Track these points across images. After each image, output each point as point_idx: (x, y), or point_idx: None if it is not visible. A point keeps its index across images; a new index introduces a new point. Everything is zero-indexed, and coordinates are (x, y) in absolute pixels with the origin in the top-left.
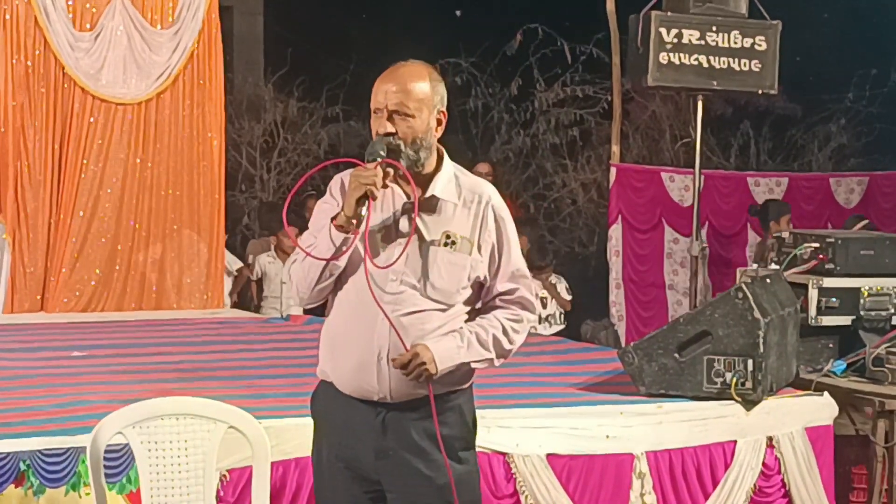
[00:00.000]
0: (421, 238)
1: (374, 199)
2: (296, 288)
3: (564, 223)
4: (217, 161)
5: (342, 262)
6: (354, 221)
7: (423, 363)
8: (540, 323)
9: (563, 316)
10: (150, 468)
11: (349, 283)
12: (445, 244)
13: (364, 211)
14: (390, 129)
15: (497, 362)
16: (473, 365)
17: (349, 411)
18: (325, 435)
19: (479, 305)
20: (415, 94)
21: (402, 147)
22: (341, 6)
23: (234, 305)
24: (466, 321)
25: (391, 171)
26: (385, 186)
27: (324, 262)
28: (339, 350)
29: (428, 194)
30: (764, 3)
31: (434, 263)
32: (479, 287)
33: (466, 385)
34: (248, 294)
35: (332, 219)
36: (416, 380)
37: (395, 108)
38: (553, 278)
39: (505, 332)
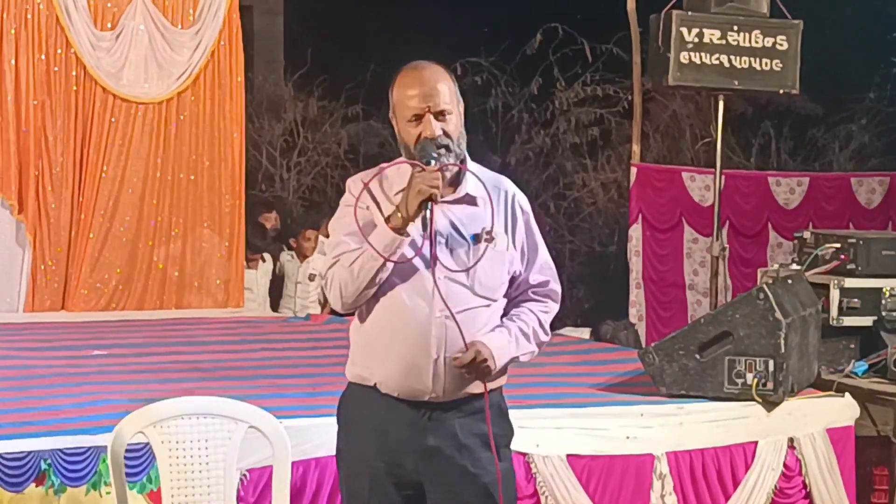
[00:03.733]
0: (463, 236)
1: (437, 202)
2: (339, 292)
3: (584, 223)
4: (237, 160)
5: (390, 265)
6: (412, 223)
7: (486, 359)
8: None
9: None
10: (170, 468)
11: (395, 286)
12: (486, 240)
13: (428, 213)
14: (438, 130)
15: (535, 354)
16: (521, 358)
17: (390, 413)
18: (360, 439)
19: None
20: (448, 92)
21: (451, 146)
22: (361, 5)
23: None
24: (502, 316)
25: (447, 173)
26: None
27: (378, 265)
28: (387, 353)
29: (463, 192)
30: (785, 3)
31: (484, 262)
32: (511, 281)
33: (505, 381)
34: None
35: (387, 221)
36: (478, 377)
37: (439, 108)
38: None
39: (541, 324)
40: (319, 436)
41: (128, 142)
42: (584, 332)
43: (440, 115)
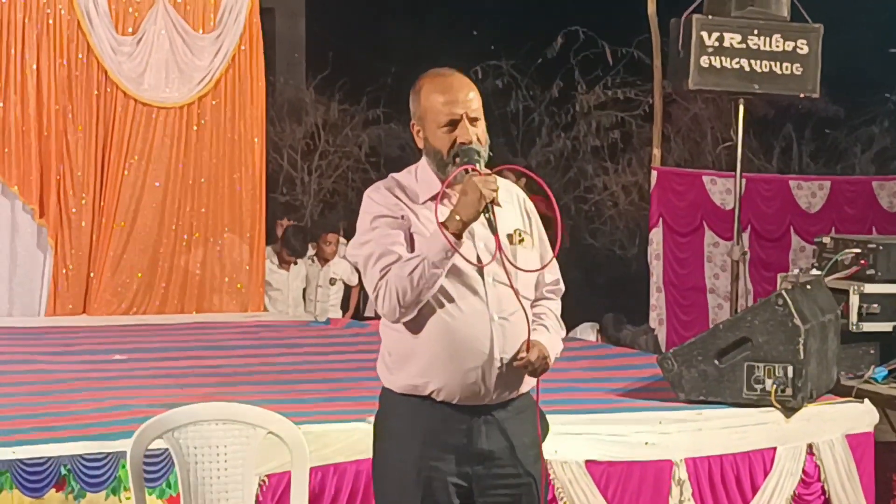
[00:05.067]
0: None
1: (496, 204)
2: (396, 302)
3: (605, 226)
4: (258, 164)
5: (444, 270)
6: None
7: (546, 357)
8: None
9: None
10: (189, 473)
11: (447, 292)
12: (520, 241)
13: (490, 216)
14: (474, 136)
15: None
16: (558, 354)
17: (445, 421)
18: (411, 450)
19: None
20: (477, 100)
21: (482, 152)
22: (382, 8)
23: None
24: None
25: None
26: None
27: (440, 272)
28: (448, 360)
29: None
30: (805, 6)
31: (519, 262)
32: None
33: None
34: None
35: (444, 226)
36: (537, 375)
37: (473, 115)
38: None
39: (558, 321)
40: (338, 441)
41: (149, 146)
42: (592, 330)
43: (473, 121)
